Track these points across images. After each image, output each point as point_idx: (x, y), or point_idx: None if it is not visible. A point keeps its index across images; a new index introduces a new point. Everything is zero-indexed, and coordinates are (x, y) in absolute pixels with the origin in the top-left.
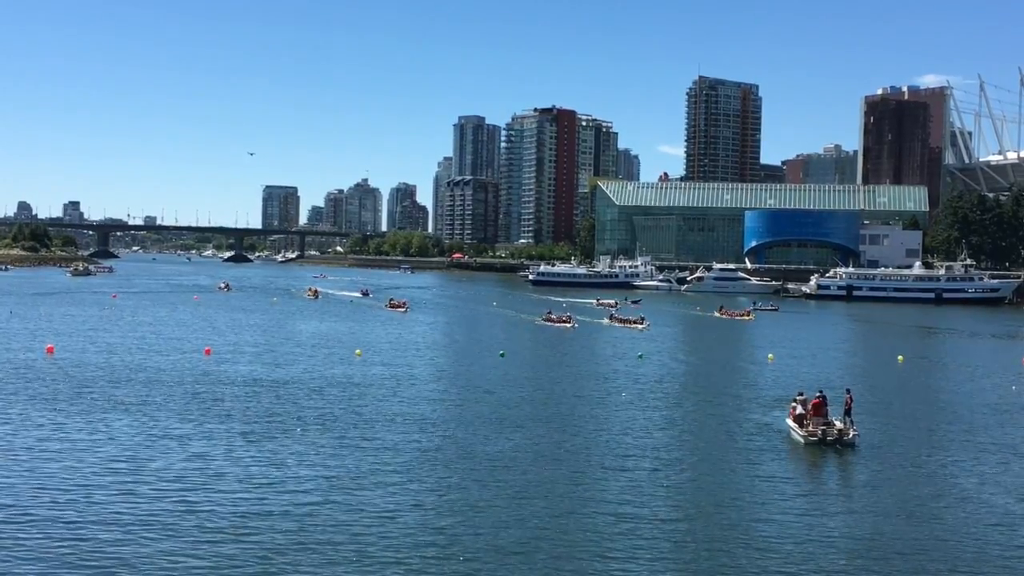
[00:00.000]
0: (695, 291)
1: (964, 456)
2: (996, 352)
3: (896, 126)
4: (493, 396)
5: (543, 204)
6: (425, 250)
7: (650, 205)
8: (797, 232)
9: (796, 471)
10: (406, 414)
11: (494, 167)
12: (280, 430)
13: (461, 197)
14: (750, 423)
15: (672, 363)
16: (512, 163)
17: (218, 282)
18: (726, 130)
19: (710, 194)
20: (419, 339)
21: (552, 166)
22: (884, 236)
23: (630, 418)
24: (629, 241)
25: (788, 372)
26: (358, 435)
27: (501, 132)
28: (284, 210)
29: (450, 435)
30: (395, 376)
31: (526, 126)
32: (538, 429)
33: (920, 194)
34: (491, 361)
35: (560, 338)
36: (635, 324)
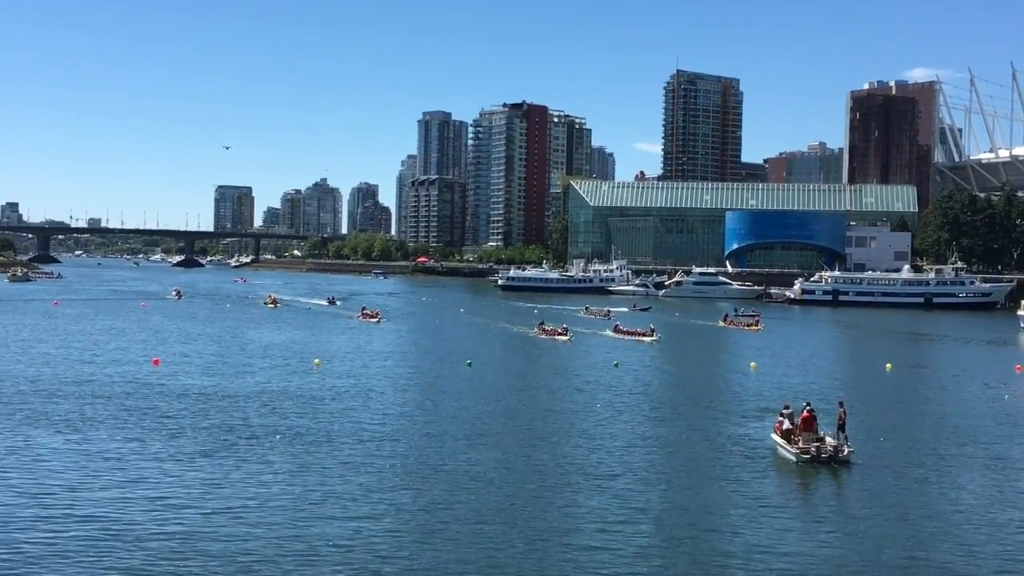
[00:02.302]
0: (673, 296)
1: (962, 471)
2: (989, 359)
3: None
4: (459, 409)
5: (513, 205)
6: (388, 253)
7: (626, 206)
8: (780, 234)
9: (789, 492)
10: (367, 429)
11: (461, 166)
12: (233, 448)
13: (426, 197)
14: (733, 438)
15: (649, 372)
16: (480, 161)
17: (168, 289)
18: (706, 127)
19: (689, 194)
20: (381, 349)
21: (522, 165)
22: (871, 238)
23: (604, 433)
24: (604, 244)
25: (772, 382)
26: (317, 452)
27: (468, 129)
28: (238, 212)
29: (414, 451)
30: (356, 388)
31: (495, 122)
32: (507, 444)
33: (909, 194)
34: (458, 372)
35: (532, 347)
36: (643, 336)
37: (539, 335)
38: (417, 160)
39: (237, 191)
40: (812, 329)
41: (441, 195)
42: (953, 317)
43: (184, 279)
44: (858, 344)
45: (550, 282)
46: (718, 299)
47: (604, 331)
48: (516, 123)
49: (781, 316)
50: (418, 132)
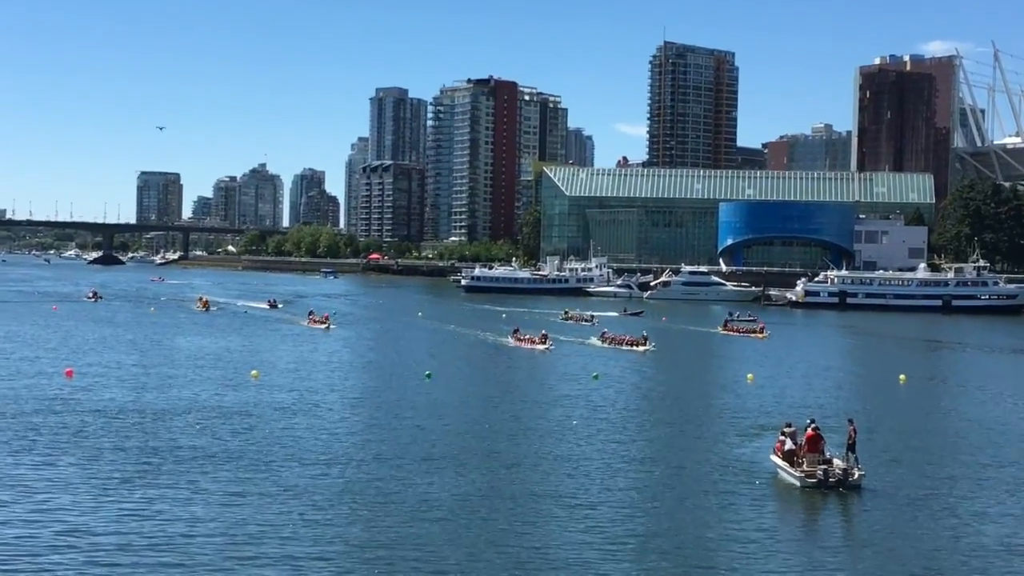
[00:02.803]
0: (660, 298)
1: (986, 497)
2: (1014, 370)
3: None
4: (417, 427)
5: (478, 194)
6: (336, 250)
7: (606, 196)
8: (780, 228)
9: (792, 522)
10: (311, 451)
11: (419, 150)
12: (157, 472)
13: (379, 186)
14: (727, 460)
15: (631, 385)
16: (441, 145)
17: (84, 290)
18: (696, 106)
19: (678, 183)
20: (329, 359)
21: (489, 149)
22: (883, 233)
23: (581, 455)
24: (581, 239)
25: (771, 396)
26: (254, 478)
27: (428, 108)
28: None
29: (364, 476)
30: (299, 404)
31: (457, 100)
32: (470, 468)
33: (925, 183)
34: (415, 385)
35: (502, 357)
36: (635, 345)
37: (514, 344)
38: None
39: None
40: (816, 336)
41: (396, 183)
42: (974, 322)
43: (102, 278)
44: (868, 353)
45: (520, 282)
46: (710, 301)
47: (589, 339)
48: (482, 101)
49: (782, 321)
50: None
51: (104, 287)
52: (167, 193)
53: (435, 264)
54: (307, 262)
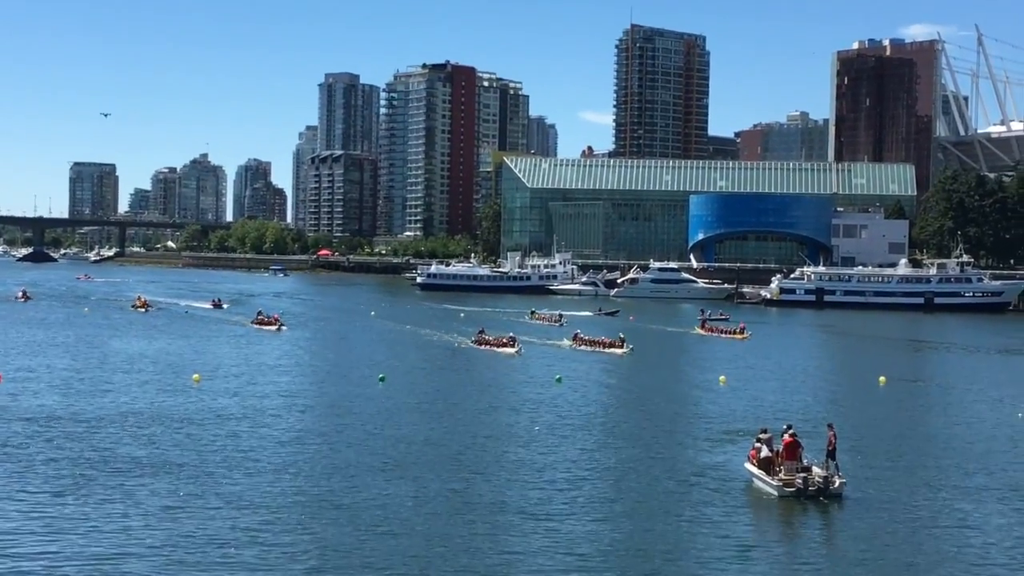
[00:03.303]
0: (627, 296)
1: (974, 504)
2: (1000, 370)
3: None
4: (370, 434)
5: (434, 186)
6: (283, 245)
7: (570, 188)
8: (754, 222)
9: (769, 533)
10: (257, 459)
11: (371, 139)
12: (91, 484)
13: (329, 177)
14: (699, 468)
15: (597, 389)
16: (395, 134)
17: (13, 289)
18: (665, 93)
19: (646, 174)
20: (275, 361)
21: (446, 138)
22: (862, 227)
23: (545, 463)
24: (544, 234)
25: (745, 400)
26: (195, 489)
27: (380, 94)
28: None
29: (314, 486)
30: (244, 409)
31: (412, 87)
32: (427, 477)
33: (905, 174)
34: (368, 389)
35: (461, 360)
36: (611, 347)
37: (478, 346)
38: (318, 132)
39: (97, 169)
40: (792, 335)
41: (347, 174)
42: (958, 320)
43: (32, 276)
44: (846, 353)
45: (479, 280)
46: (681, 300)
47: (560, 341)
48: (438, 88)
49: (756, 320)
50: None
51: (34, 286)
52: (102, 185)
53: (389, 261)
54: (252, 259)
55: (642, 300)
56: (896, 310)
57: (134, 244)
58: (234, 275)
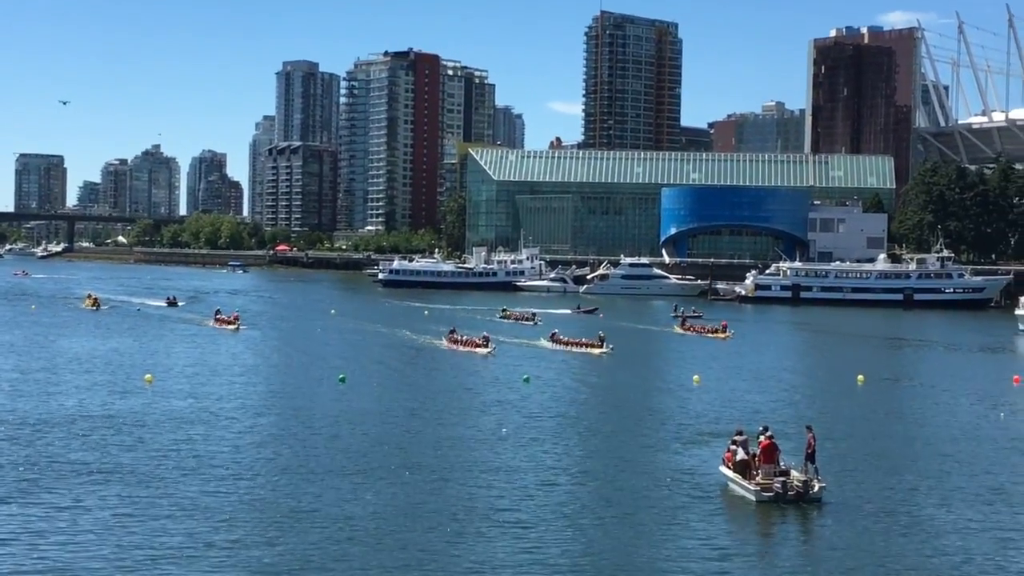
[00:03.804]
0: (597, 293)
1: (957, 508)
2: (981, 369)
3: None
4: (329, 437)
5: (397, 179)
6: (239, 240)
7: (538, 180)
8: (728, 215)
9: (748, 540)
10: (212, 464)
11: (331, 130)
12: (37, 490)
13: (287, 170)
14: (671, 472)
15: (566, 389)
16: (355, 125)
17: None
18: (636, 82)
19: (616, 166)
20: (231, 361)
21: (408, 129)
22: (839, 220)
23: (512, 467)
24: (510, 228)
25: (719, 400)
26: (147, 495)
27: (341, 83)
28: (46, 187)
29: (271, 492)
30: (198, 411)
31: (373, 75)
32: (389, 483)
33: (884, 166)
34: (328, 390)
35: (426, 360)
36: (591, 347)
37: (450, 346)
38: (276, 122)
39: (45, 161)
40: (767, 333)
41: (306, 166)
42: (938, 317)
43: None
44: (823, 351)
45: (443, 276)
46: (652, 296)
47: (536, 341)
48: (400, 76)
49: (730, 317)
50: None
51: None
52: (49, 178)
53: (349, 256)
54: (207, 254)
55: (612, 297)
56: (874, 307)
57: (83, 239)
58: (189, 271)
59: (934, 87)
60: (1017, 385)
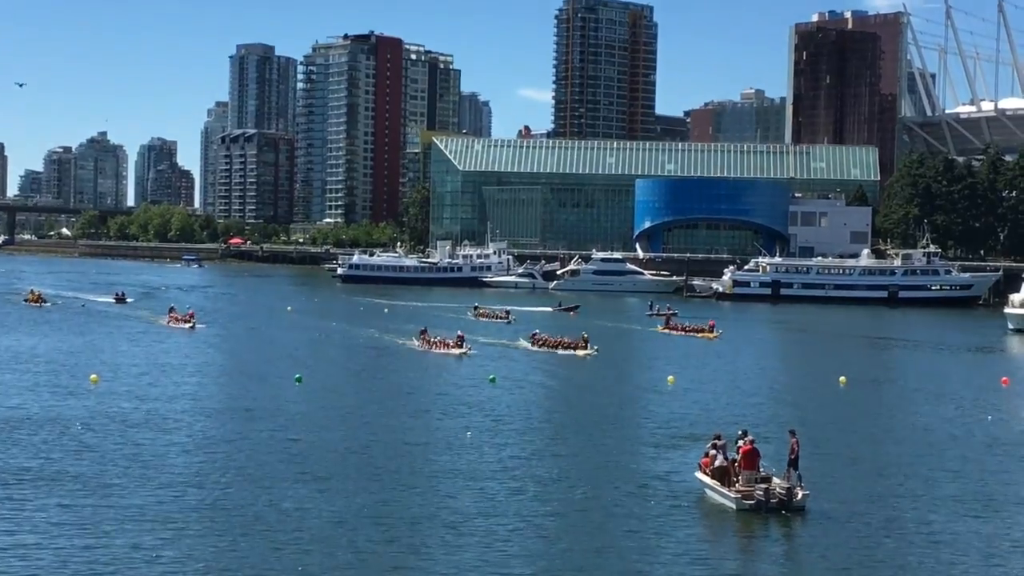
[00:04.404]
0: (568, 289)
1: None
2: (968, 370)
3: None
4: (284, 440)
5: (357, 169)
6: (190, 233)
7: (506, 171)
8: (705, 208)
9: (728, 552)
10: (162, 469)
11: (288, 117)
12: None
13: (240, 158)
14: (644, 478)
15: (533, 390)
16: (313, 111)
17: None
18: (609, 68)
19: (588, 156)
20: (182, 361)
21: (369, 116)
22: (821, 214)
23: (476, 472)
24: (477, 221)
25: (695, 402)
26: (92, 502)
27: (297, 67)
28: None
29: (224, 499)
30: (147, 414)
31: (332, 60)
32: (347, 488)
33: (868, 157)
34: (284, 391)
35: (385, 359)
36: (574, 348)
37: (422, 347)
38: (229, 109)
39: None
40: (746, 332)
41: (261, 155)
42: (924, 316)
43: None
44: (804, 351)
45: (406, 271)
46: (626, 293)
47: (515, 341)
48: (361, 61)
49: (707, 315)
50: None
51: None
52: None
53: (307, 250)
54: (157, 248)
55: (584, 294)
56: (858, 304)
57: (25, 231)
58: (138, 266)
59: (921, 75)
60: (1006, 387)
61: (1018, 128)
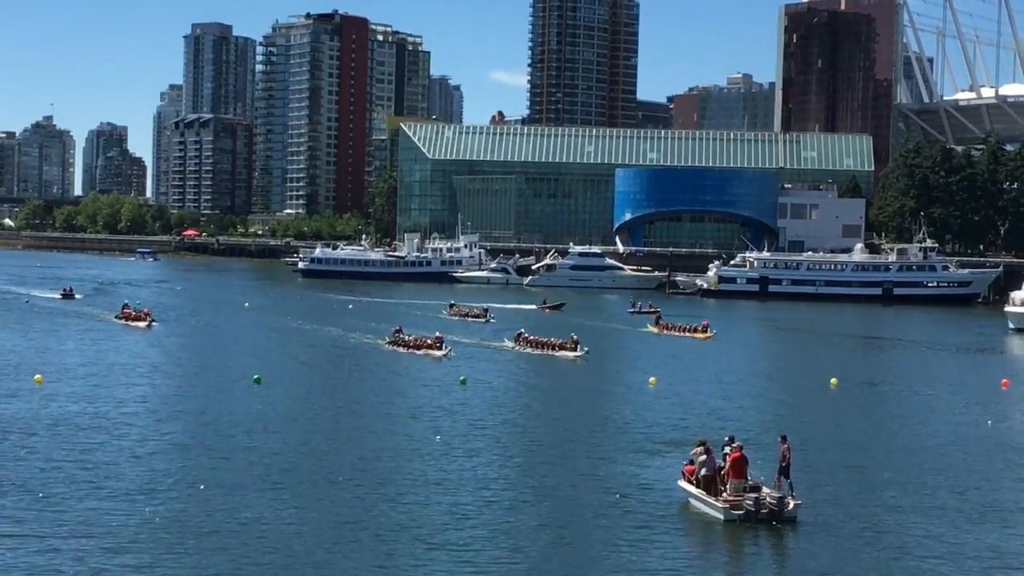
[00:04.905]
0: (543, 285)
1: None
2: (966, 372)
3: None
4: (241, 446)
5: (320, 157)
6: (141, 224)
7: (478, 159)
8: (690, 200)
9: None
10: (111, 475)
11: (246, 101)
12: None
13: (196, 145)
14: (626, 485)
15: (506, 392)
16: (273, 95)
17: None
18: (588, 51)
19: (565, 144)
20: (133, 360)
21: (333, 100)
22: (812, 206)
23: (445, 480)
24: (447, 212)
25: (678, 405)
26: (36, 511)
27: (256, 48)
28: None
29: (179, 506)
30: (95, 416)
31: (294, 40)
32: (308, 497)
33: (862, 145)
34: (241, 393)
35: (349, 359)
36: (564, 350)
37: (396, 348)
38: (183, 92)
39: None
40: (732, 330)
41: (217, 142)
42: (920, 314)
43: None
44: (793, 352)
45: (372, 265)
46: (605, 289)
47: (495, 341)
48: (324, 41)
49: (691, 313)
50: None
51: None
52: None
53: (266, 243)
54: (106, 240)
55: (560, 290)
56: (850, 302)
57: None
58: (86, 259)
59: (917, 59)
60: (1006, 389)
61: (1020, 116)
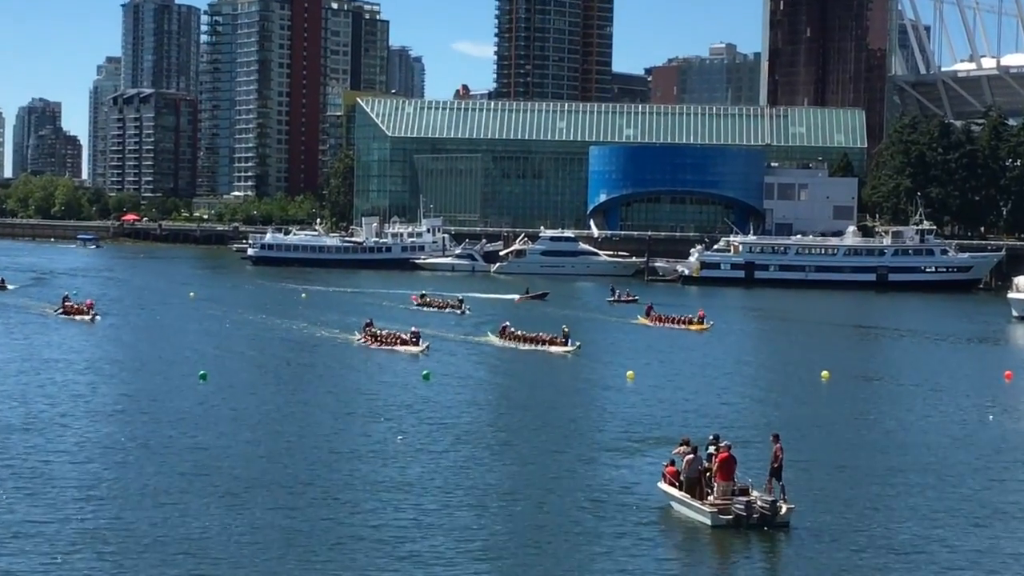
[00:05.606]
0: (512, 272)
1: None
2: (966, 363)
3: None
4: (187, 446)
5: (270, 134)
6: (77, 208)
7: (441, 137)
8: (670, 180)
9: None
10: (45, 480)
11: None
12: None
13: (135, 123)
14: (604, 488)
15: (472, 387)
16: (219, 69)
17: None
18: (560, 19)
19: (535, 119)
20: (69, 356)
21: (284, 74)
22: (801, 186)
23: (409, 483)
24: (408, 194)
25: (657, 401)
26: None
27: (201, 18)
28: None
29: (117, 513)
30: (27, 417)
31: (241, 10)
32: (261, 500)
33: (854, 121)
34: (186, 390)
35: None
36: (554, 344)
37: (367, 344)
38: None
39: None
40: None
41: (159, 119)
42: (917, 301)
43: None
44: (782, 342)
45: (327, 252)
46: (579, 276)
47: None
48: (274, 11)
49: (671, 302)
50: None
51: None
52: None
53: (212, 228)
54: (38, 225)
55: (530, 277)
56: (842, 289)
57: None
58: (17, 246)
59: (913, 27)
60: (1009, 382)
61: (1023, 88)
